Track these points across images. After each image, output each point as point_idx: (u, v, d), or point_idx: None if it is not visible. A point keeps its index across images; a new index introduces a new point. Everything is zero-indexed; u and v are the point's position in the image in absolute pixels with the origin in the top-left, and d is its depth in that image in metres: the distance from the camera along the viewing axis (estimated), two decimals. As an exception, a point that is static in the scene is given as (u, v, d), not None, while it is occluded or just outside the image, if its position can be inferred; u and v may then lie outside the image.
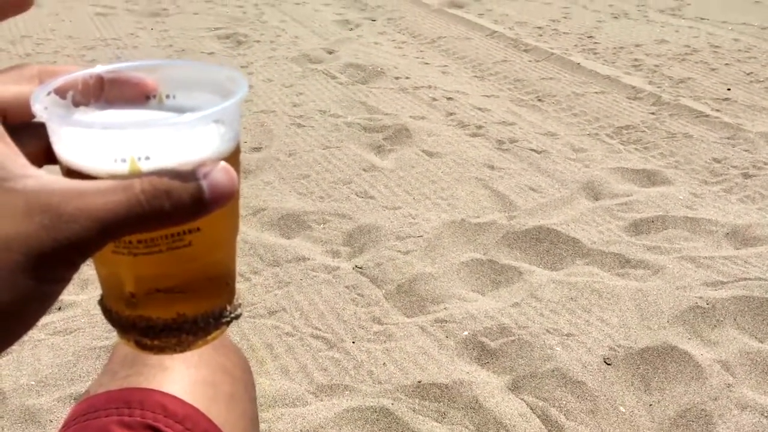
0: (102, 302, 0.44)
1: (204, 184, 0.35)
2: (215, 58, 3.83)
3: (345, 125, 3.00)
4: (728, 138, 2.91)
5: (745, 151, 2.80)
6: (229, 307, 0.44)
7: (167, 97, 0.42)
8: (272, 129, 2.97)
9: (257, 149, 2.81)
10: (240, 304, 0.46)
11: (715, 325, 1.85)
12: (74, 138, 0.36)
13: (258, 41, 4.10)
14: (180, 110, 0.41)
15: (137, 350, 0.44)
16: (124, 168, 0.35)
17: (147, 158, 0.35)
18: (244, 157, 2.73)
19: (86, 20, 4.41)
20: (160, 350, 0.43)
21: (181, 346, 0.43)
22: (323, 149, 2.80)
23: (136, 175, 0.35)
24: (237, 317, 0.45)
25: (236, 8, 4.76)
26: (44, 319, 1.85)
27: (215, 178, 0.35)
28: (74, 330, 1.83)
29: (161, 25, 4.38)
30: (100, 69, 0.41)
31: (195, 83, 0.42)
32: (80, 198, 0.33)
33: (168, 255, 0.39)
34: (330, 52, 3.91)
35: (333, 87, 3.43)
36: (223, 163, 0.36)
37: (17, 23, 4.28)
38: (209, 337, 0.44)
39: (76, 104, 0.40)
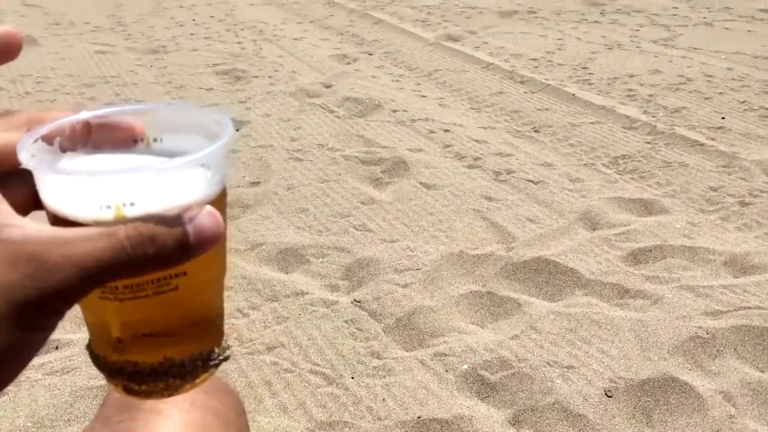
0: (89, 347, 0.44)
1: (189, 228, 0.35)
2: (214, 93, 3.87)
3: (343, 158, 3.02)
4: (724, 166, 2.92)
5: (741, 179, 2.81)
6: (217, 349, 0.44)
7: (155, 140, 0.42)
8: (270, 163, 2.99)
9: (255, 184, 2.82)
10: (229, 346, 0.46)
11: (715, 356, 1.84)
12: (59, 185, 0.36)
13: (256, 76, 4.14)
14: (167, 153, 0.41)
15: (125, 395, 0.44)
16: (109, 214, 0.35)
17: (132, 204, 0.35)
18: (243, 192, 2.73)
19: (86, 58, 4.47)
20: (148, 395, 0.43)
21: (168, 390, 0.43)
22: (321, 183, 2.81)
23: (121, 221, 0.35)
24: (226, 359, 0.45)
25: (234, 44, 4.82)
26: (41, 359, 1.84)
27: (200, 223, 0.35)
28: (71, 369, 1.81)
29: (160, 62, 4.43)
30: (87, 114, 0.41)
31: (182, 126, 0.42)
32: (64, 246, 0.33)
33: (154, 300, 0.39)
34: (327, 87, 3.95)
35: (331, 121, 3.45)
36: (208, 207, 0.36)
37: (17, 62, 4.32)
38: (198, 380, 0.43)
39: (64, 150, 0.40)
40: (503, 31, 5.08)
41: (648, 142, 3.18)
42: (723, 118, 3.44)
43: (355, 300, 2.08)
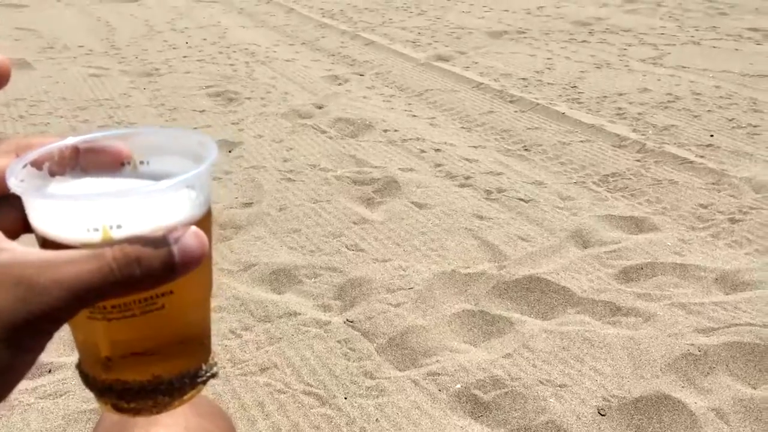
0: (79, 366, 0.44)
1: (174, 249, 0.36)
2: (207, 115, 3.89)
3: (335, 179, 3.03)
4: (713, 184, 2.95)
5: (731, 196, 2.83)
6: (204, 366, 0.45)
7: (141, 163, 0.44)
8: (262, 184, 3.00)
9: (248, 204, 2.83)
10: (216, 363, 0.46)
11: (707, 373, 1.85)
12: (47, 209, 0.37)
13: (249, 98, 4.16)
14: (154, 176, 0.43)
15: (114, 413, 0.44)
16: (96, 237, 0.36)
17: (119, 226, 0.36)
18: (235, 213, 2.74)
19: (80, 81, 4.48)
20: (137, 412, 0.44)
21: (157, 408, 0.44)
22: (313, 203, 2.82)
23: (108, 243, 0.36)
24: (213, 376, 0.46)
25: (227, 66, 4.85)
26: (34, 383, 1.83)
27: (185, 243, 0.36)
28: (64, 393, 1.80)
29: (154, 84, 4.45)
30: (75, 139, 0.42)
31: (167, 149, 0.43)
32: (53, 269, 0.34)
33: (142, 319, 0.40)
34: (319, 107, 3.97)
35: (322, 141, 3.47)
36: (193, 228, 0.37)
37: (10, 86, 4.33)
38: (185, 397, 0.44)
39: (53, 174, 0.41)
40: (493, 51, 5.13)
41: (638, 160, 3.21)
42: (712, 135, 3.47)
43: (347, 320, 2.09)
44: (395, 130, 3.60)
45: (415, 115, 3.87)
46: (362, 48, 5.33)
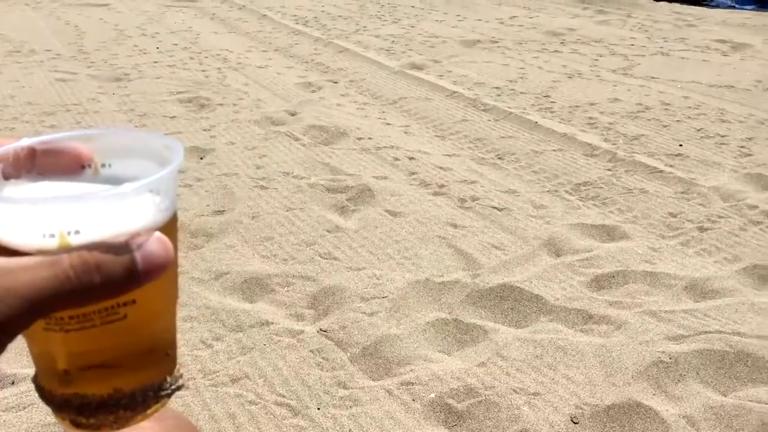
0: (35, 380, 0.42)
1: (137, 255, 0.34)
2: (177, 121, 3.84)
3: (308, 186, 3.01)
4: (682, 192, 2.98)
5: (700, 205, 2.87)
6: (169, 379, 0.43)
7: (103, 166, 0.42)
8: (235, 192, 2.96)
9: (220, 212, 2.79)
10: (182, 375, 0.44)
11: (678, 380, 1.86)
12: (0, 213, 0.35)
13: (221, 104, 4.12)
14: (116, 179, 0.41)
15: (73, 429, 0.42)
16: (52, 243, 0.34)
17: (77, 232, 0.34)
18: (207, 221, 2.70)
19: (47, 86, 4.41)
20: (97, 428, 0.41)
21: (118, 423, 0.42)
22: (286, 211, 2.80)
23: (65, 249, 0.34)
24: (178, 388, 0.44)
25: (199, 72, 4.80)
26: (-5, 394, 1.78)
27: (149, 249, 0.35)
28: (27, 405, 1.75)
29: (123, 89, 4.39)
30: (32, 140, 0.40)
31: (131, 151, 0.41)
32: (5, 276, 0.32)
33: (102, 329, 0.38)
34: (293, 114, 3.95)
35: (296, 149, 3.45)
36: (157, 234, 0.36)
37: (-24, 90, 4.25)
38: (149, 411, 0.42)
39: (7, 177, 0.39)
40: (466, 60, 5.16)
41: (609, 169, 3.24)
42: (681, 145, 3.52)
43: (320, 329, 2.06)
44: (369, 138, 3.59)
45: (389, 123, 3.87)
46: (336, 55, 5.32)
